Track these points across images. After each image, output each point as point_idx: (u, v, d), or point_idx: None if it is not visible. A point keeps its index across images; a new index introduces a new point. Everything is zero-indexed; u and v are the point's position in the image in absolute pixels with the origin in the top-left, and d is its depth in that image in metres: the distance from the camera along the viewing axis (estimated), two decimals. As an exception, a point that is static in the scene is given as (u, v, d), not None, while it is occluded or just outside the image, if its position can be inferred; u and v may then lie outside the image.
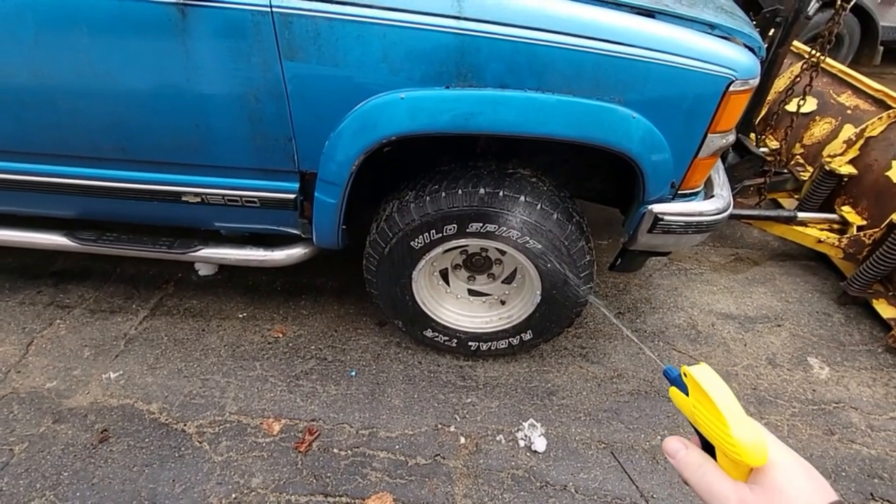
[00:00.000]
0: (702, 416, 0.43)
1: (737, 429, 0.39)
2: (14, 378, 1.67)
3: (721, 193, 1.54)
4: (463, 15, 1.11)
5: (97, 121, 1.30)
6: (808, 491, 0.38)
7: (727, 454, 0.40)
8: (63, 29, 1.14)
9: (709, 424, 0.42)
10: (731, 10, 1.42)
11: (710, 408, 0.42)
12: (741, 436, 0.39)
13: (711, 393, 0.42)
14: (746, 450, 0.39)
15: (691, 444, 0.44)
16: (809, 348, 1.98)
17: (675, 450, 0.44)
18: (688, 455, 0.43)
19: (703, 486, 0.41)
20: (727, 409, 0.41)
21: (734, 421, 0.40)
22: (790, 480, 0.38)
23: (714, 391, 0.42)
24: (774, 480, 0.38)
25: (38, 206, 1.59)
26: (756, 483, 0.39)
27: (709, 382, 0.42)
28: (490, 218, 1.38)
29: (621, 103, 1.21)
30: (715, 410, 0.41)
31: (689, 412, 0.45)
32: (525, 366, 1.82)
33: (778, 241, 2.52)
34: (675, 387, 0.46)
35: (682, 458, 0.43)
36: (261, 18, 1.12)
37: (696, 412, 0.43)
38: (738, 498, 0.39)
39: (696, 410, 0.43)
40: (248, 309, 1.98)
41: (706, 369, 0.44)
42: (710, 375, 0.43)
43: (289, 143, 1.31)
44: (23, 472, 1.42)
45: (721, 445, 0.41)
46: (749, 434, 0.39)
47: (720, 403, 0.41)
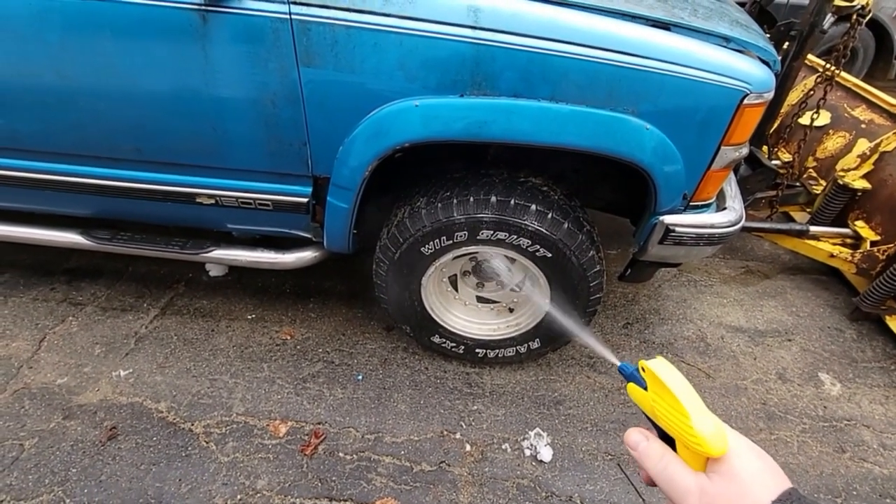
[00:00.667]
0: (661, 409, 0.43)
1: (698, 419, 0.40)
2: (26, 373, 1.69)
3: (733, 206, 1.53)
4: (479, 25, 1.12)
5: (116, 122, 1.32)
6: (765, 477, 0.39)
7: (688, 445, 0.41)
8: (88, 32, 1.17)
9: (669, 417, 0.42)
10: (746, 23, 1.42)
11: (670, 400, 0.42)
12: (702, 426, 0.40)
13: (671, 385, 0.42)
14: (707, 440, 0.39)
15: (652, 435, 0.44)
16: (821, 364, 1.95)
17: (637, 441, 0.44)
18: (649, 447, 0.43)
19: (665, 477, 0.42)
20: (687, 400, 0.41)
21: (695, 412, 0.40)
22: (746, 467, 0.39)
23: (673, 383, 0.42)
24: (731, 468, 0.39)
25: (56, 205, 1.62)
26: (714, 472, 0.40)
27: (668, 375, 0.43)
28: (501, 226, 1.38)
29: (635, 114, 1.21)
30: (675, 402, 0.41)
31: (647, 406, 0.45)
32: (532, 374, 1.81)
33: (789, 255, 2.50)
34: (632, 382, 0.46)
35: (643, 450, 0.44)
36: (280, 25, 1.14)
37: (655, 406, 0.44)
38: (698, 487, 0.40)
39: (656, 404, 0.44)
40: (257, 310, 1.99)
41: (664, 363, 0.44)
42: (668, 368, 0.43)
43: (303, 148, 1.33)
44: (32, 467, 1.43)
45: (682, 437, 0.41)
46: (710, 424, 0.40)
47: (680, 395, 0.41)
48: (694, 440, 0.40)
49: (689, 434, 0.40)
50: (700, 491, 0.40)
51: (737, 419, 1.71)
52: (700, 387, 1.81)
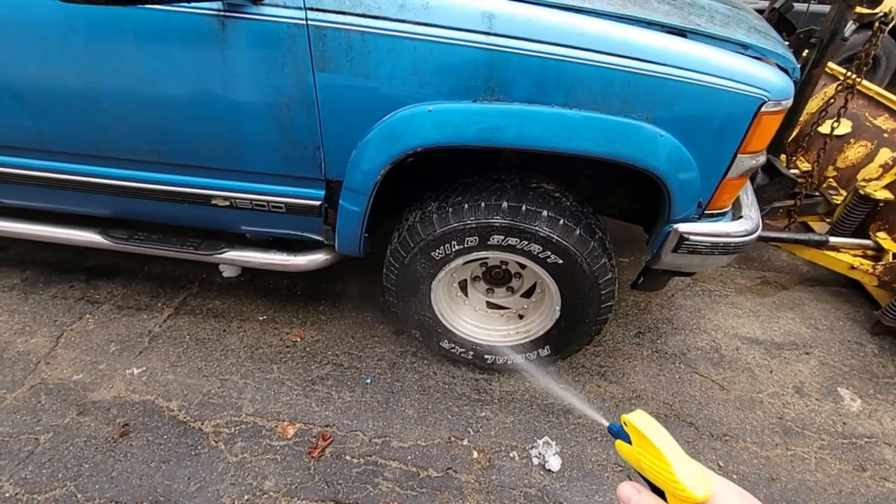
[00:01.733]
0: (646, 460, 0.44)
1: (677, 465, 0.41)
2: (43, 369, 1.73)
3: (749, 215, 1.50)
4: (493, 31, 1.13)
5: (137, 124, 1.35)
6: None
7: (674, 493, 0.42)
8: (111, 37, 1.20)
9: (653, 467, 0.43)
10: (764, 30, 1.40)
11: (652, 450, 0.43)
12: (682, 471, 0.41)
13: (650, 435, 0.43)
14: (688, 485, 0.40)
15: (644, 489, 0.45)
16: (840, 378, 1.90)
17: (629, 495, 0.45)
18: (641, 500, 0.44)
19: None
20: (666, 448, 0.42)
21: (674, 458, 0.42)
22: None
23: (652, 433, 0.44)
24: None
25: (76, 204, 1.66)
26: None
27: (646, 426, 0.44)
28: (512, 231, 1.38)
29: (649, 121, 1.20)
30: (656, 451, 0.43)
31: (634, 460, 0.46)
32: (541, 382, 1.79)
33: (808, 266, 2.44)
34: (619, 439, 0.48)
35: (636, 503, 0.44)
36: (296, 31, 1.15)
37: (640, 458, 0.45)
38: None
39: (641, 456, 0.45)
40: (269, 312, 2.01)
41: (643, 415, 0.46)
42: (647, 420, 0.45)
43: (317, 152, 1.34)
44: (46, 461, 1.46)
45: (666, 485, 0.42)
46: (689, 469, 0.41)
47: (659, 443, 0.43)
48: (677, 486, 0.41)
49: (671, 480, 0.41)
50: None
51: (752, 433, 1.67)
52: (714, 399, 1.77)
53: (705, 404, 1.75)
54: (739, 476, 1.54)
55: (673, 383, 1.83)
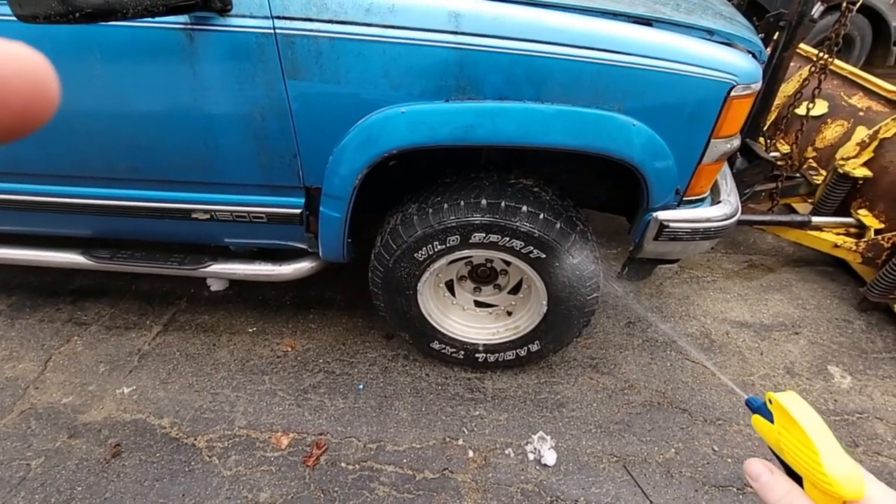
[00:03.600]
0: (789, 443, 0.41)
1: (829, 458, 0.38)
2: (32, 394, 1.71)
3: (728, 199, 1.52)
4: (460, 30, 1.13)
5: (112, 143, 1.35)
6: None
7: (817, 485, 0.38)
8: (78, 57, 1.20)
9: (797, 453, 0.40)
10: (730, 15, 1.42)
11: (800, 436, 0.40)
12: (834, 466, 0.37)
13: (801, 420, 0.40)
14: (840, 481, 0.37)
15: (776, 469, 0.41)
16: (829, 356, 1.92)
17: (759, 473, 0.41)
18: (774, 480, 0.40)
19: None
20: (819, 437, 0.39)
21: (826, 450, 0.38)
22: None
23: (803, 418, 0.40)
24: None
25: (57, 226, 1.64)
26: None
27: (798, 410, 0.41)
28: (493, 228, 1.38)
29: (621, 111, 1.21)
30: (804, 438, 0.39)
31: (773, 440, 0.43)
32: (534, 377, 1.80)
33: (793, 247, 2.47)
34: (757, 415, 0.45)
35: (766, 482, 0.40)
36: (264, 40, 1.16)
37: (782, 440, 0.42)
38: None
39: (783, 438, 0.42)
40: (258, 323, 2.00)
41: (794, 396, 0.42)
42: (799, 403, 0.42)
43: (294, 160, 1.34)
44: (38, 486, 1.44)
45: (811, 475, 0.39)
46: (843, 465, 0.37)
47: (810, 431, 0.39)
48: (823, 479, 0.37)
49: (819, 472, 0.38)
50: None
51: (745, 416, 1.67)
52: (706, 384, 1.78)
53: (698, 390, 1.76)
54: (735, 459, 1.55)
55: (665, 371, 1.84)
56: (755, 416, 0.45)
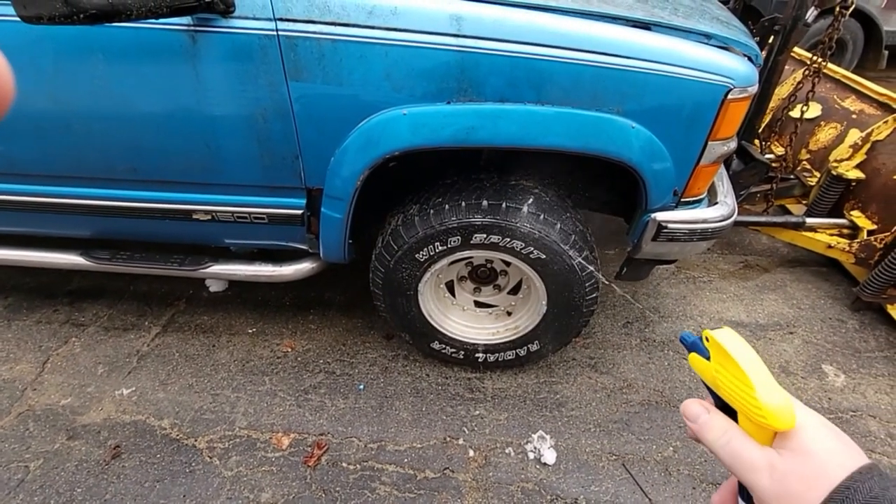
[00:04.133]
0: (724, 379, 0.41)
1: (764, 391, 0.38)
2: (30, 396, 1.70)
3: (725, 200, 1.54)
4: (462, 33, 1.14)
5: (112, 143, 1.35)
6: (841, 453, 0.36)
7: (753, 418, 0.38)
8: (81, 57, 1.20)
9: (732, 388, 0.40)
10: (727, 20, 1.44)
11: (735, 371, 0.40)
12: (769, 398, 0.37)
13: (736, 356, 0.39)
14: (774, 413, 0.37)
15: (713, 408, 0.42)
16: (824, 355, 1.94)
17: (697, 413, 0.41)
18: (711, 419, 0.41)
19: (728, 452, 0.39)
20: (753, 371, 0.38)
21: (760, 384, 0.38)
22: (821, 444, 0.36)
23: (739, 354, 0.40)
24: (803, 443, 0.37)
25: (56, 227, 1.64)
26: (783, 448, 0.37)
27: (733, 345, 0.40)
28: (493, 229, 1.39)
29: (620, 114, 1.23)
30: (740, 373, 0.39)
31: (710, 377, 0.43)
32: (533, 377, 1.81)
33: (787, 248, 2.50)
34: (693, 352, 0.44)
35: (704, 422, 0.41)
36: (267, 42, 1.16)
37: (717, 376, 0.41)
38: (768, 462, 0.37)
39: (719, 374, 0.41)
40: (258, 324, 2.00)
41: (730, 332, 0.42)
42: (734, 338, 0.41)
43: (295, 161, 1.35)
44: (37, 488, 1.44)
45: (746, 409, 0.39)
46: (777, 397, 0.38)
47: (746, 366, 0.39)
48: (759, 412, 0.37)
49: (754, 406, 0.38)
50: (770, 467, 0.37)
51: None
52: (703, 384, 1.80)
53: (695, 389, 1.78)
54: (731, 457, 1.56)
55: (663, 370, 1.85)
56: (692, 353, 0.45)
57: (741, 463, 0.38)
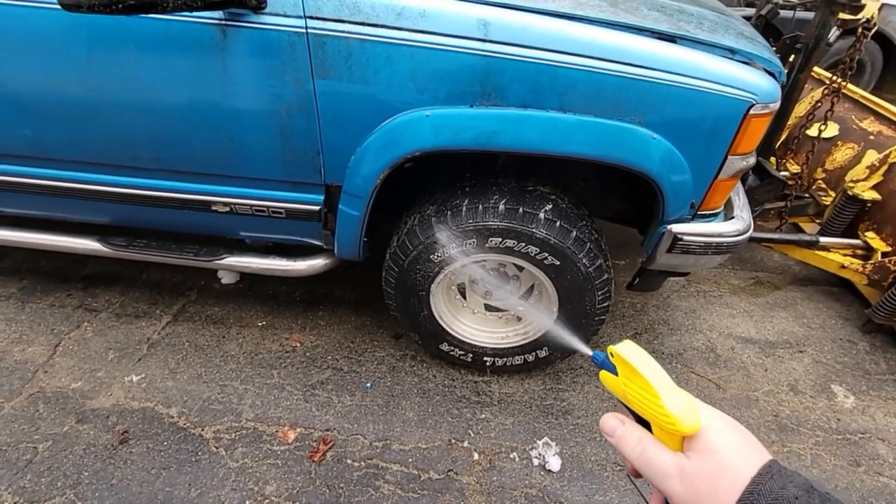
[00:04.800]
0: (633, 391, 0.42)
1: (668, 398, 0.39)
2: (41, 378, 1.72)
3: (741, 215, 1.54)
4: (489, 38, 1.16)
5: (138, 132, 1.37)
6: (743, 450, 0.38)
7: (661, 425, 0.40)
8: (114, 46, 1.22)
9: (640, 399, 0.41)
10: (751, 35, 1.44)
11: (640, 382, 0.41)
12: (672, 403, 0.39)
13: (639, 367, 0.41)
14: (679, 417, 0.38)
15: (628, 420, 0.43)
16: (833, 376, 1.93)
17: (613, 427, 0.43)
18: (626, 431, 0.42)
19: (644, 460, 0.41)
20: (656, 380, 0.40)
21: (664, 391, 0.40)
22: (723, 441, 0.38)
23: (641, 365, 0.41)
24: (708, 443, 0.38)
25: (76, 212, 1.66)
26: (691, 450, 0.39)
27: (636, 357, 0.42)
28: (509, 233, 1.40)
29: (641, 124, 1.23)
30: (645, 384, 0.41)
31: (620, 392, 0.44)
32: (540, 383, 1.81)
33: (799, 266, 2.48)
34: (604, 370, 0.46)
35: (620, 435, 0.42)
36: (296, 39, 1.18)
37: (627, 390, 0.43)
38: (678, 467, 0.39)
39: (627, 388, 0.43)
40: (268, 318, 2.02)
41: (631, 345, 0.43)
42: (636, 351, 0.43)
43: (316, 157, 1.36)
44: (45, 469, 1.45)
45: (654, 417, 0.40)
46: (680, 401, 0.39)
47: (649, 376, 0.41)
48: (666, 419, 0.39)
49: (661, 413, 0.39)
50: (680, 471, 0.39)
51: (748, 430, 1.68)
52: (710, 398, 1.79)
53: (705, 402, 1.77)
54: (737, 473, 1.56)
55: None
56: (602, 371, 0.46)
57: (655, 471, 0.40)
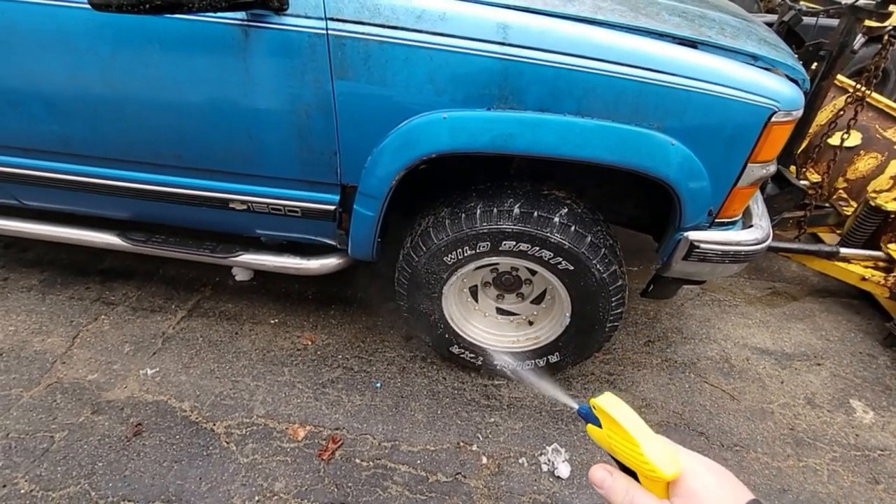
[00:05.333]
0: (616, 442, 0.44)
1: (646, 445, 0.41)
2: (59, 368, 1.76)
3: (760, 224, 1.51)
4: (508, 41, 1.16)
5: (160, 130, 1.39)
6: (721, 491, 0.39)
7: (644, 473, 0.41)
8: (138, 45, 1.24)
9: (623, 449, 0.43)
10: (774, 42, 1.42)
11: (621, 432, 0.43)
12: (651, 451, 0.41)
13: (618, 417, 0.43)
14: (658, 463, 0.40)
15: (616, 471, 0.45)
16: (852, 390, 1.88)
17: (602, 478, 0.44)
18: (614, 482, 0.43)
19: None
20: (635, 428, 0.42)
21: (643, 438, 0.41)
22: (702, 485, 0.40)
23: (620, 415, 0.43)
24: (689, 488, 0.40)
25: (98, 207, 1.70)
26: (675, 496, 0.40)
27: (614, 408, 0.44)
28: (524, 237, 1.40)
29: (660, 130, 1.22)
30: (625, 433, 0.42)
31: (605, 443, 0.46)
32: (550, 389, 1.80)
33: (818, 277, 2.43)
34: (590, 423, 0.47)
35: (609, 486, 0.43)
36: (317, 40, 1.19)
37: (611, 440, 0.44)
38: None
39: (611, 439, 0.44)
40: (280, 315, 2.03)
41: (611, 397, 0.45)
42: (615, 402, 0.45)
43: (333, 157, 1.37)
44: (61, 459, 1.48)
45: (637, 466, 0.42)
46: (658, 448, 0.41)
47: (627, 425, 0.42)
48: (647, 466, 0.40)
49: (641, 460, 0.41)
50: None
51: (763, 444, 1.65)
52: (724, 409, 1.76)
53: (716, 414, 1.75)
54: (750, 486, 1.52)
55: (683, 392, 1.82)
56: (588, 424, 0.47)
57: None
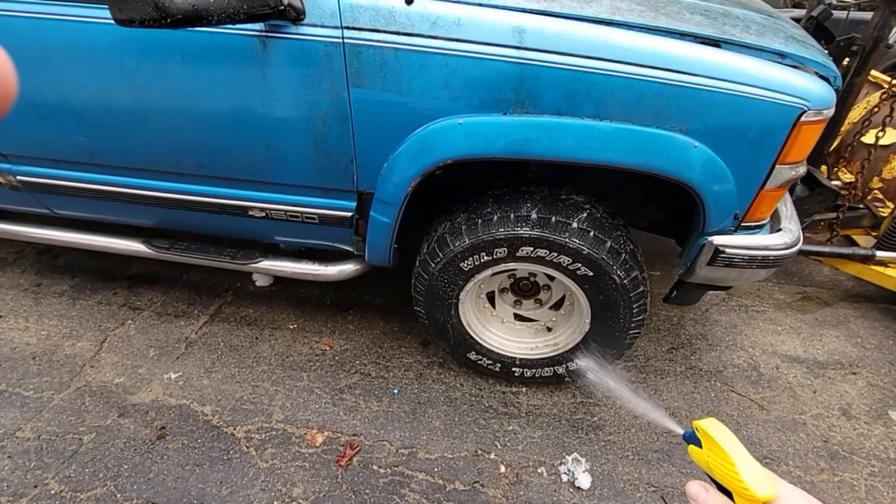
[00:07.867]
0: (715, 462, 0.47)
1: (743, 465, 0.44)
2: (88, 371, 1.81)
3: (789, 227, 1.46)
4: (524, 45, 1.14)
5: (182, 139, 1.43)
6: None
7: (739, 492, 0.44)
8: (161, 58, 1.28)
9: (721, 469, 0.46)
10: (802, 38, 1.37)
11: (720, 453, 0.46)
12: (747, 472, 0.43)
13: (719, 439, 0.46)
14: (752, 484, 0.42)
15: (712, 488, 0.47)
16: (891, 401, 1.79)
17: (697, 493, 0.47)
18: (709, 498, 0.46)
19: None
20: (733, 450, 0.45)
21: (740, 459, 0.44)
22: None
23: (721, 437, 0.47)
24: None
25: (123, 215, 1.75)
26: None
27: (716, 431, 0.47)
28: (541, 243, 1.37)
29: (682, 132, 1.19)
30: (723, 454, 0.45)
31: (704, 463, 0.49)
32: (570, 396, 1.76)
33: (852, 282, 2.33)
34: (691, 444, 0.51)
35: (703, 501, 0.46)
36: (333, 49, 1.20)
37: (710, 460, 0.48)
38: None
39: (710, 459, 0.48)
40: (299, 321, 2.05)
41: (714, 421, 0.49)
42: (717, 425, 0.48)
43: (350, 164, 1.38)
44: (89, 461, 1.52)
45: (733, 485, 0.44)
46: (754, 470, 0.44)
47: (726, 446, 0.46)
48: (741, 485, 0.43)
49: (737, 481, 0.43)
50: None
51: (795, 456, 1.59)
52: (752, 419, 1.70)
53: (744, 424, 1.68)
54: (782, 501, 1.46)
55: (708, 401, 1.76)
56: (690, 445, 0.51)
57: None
